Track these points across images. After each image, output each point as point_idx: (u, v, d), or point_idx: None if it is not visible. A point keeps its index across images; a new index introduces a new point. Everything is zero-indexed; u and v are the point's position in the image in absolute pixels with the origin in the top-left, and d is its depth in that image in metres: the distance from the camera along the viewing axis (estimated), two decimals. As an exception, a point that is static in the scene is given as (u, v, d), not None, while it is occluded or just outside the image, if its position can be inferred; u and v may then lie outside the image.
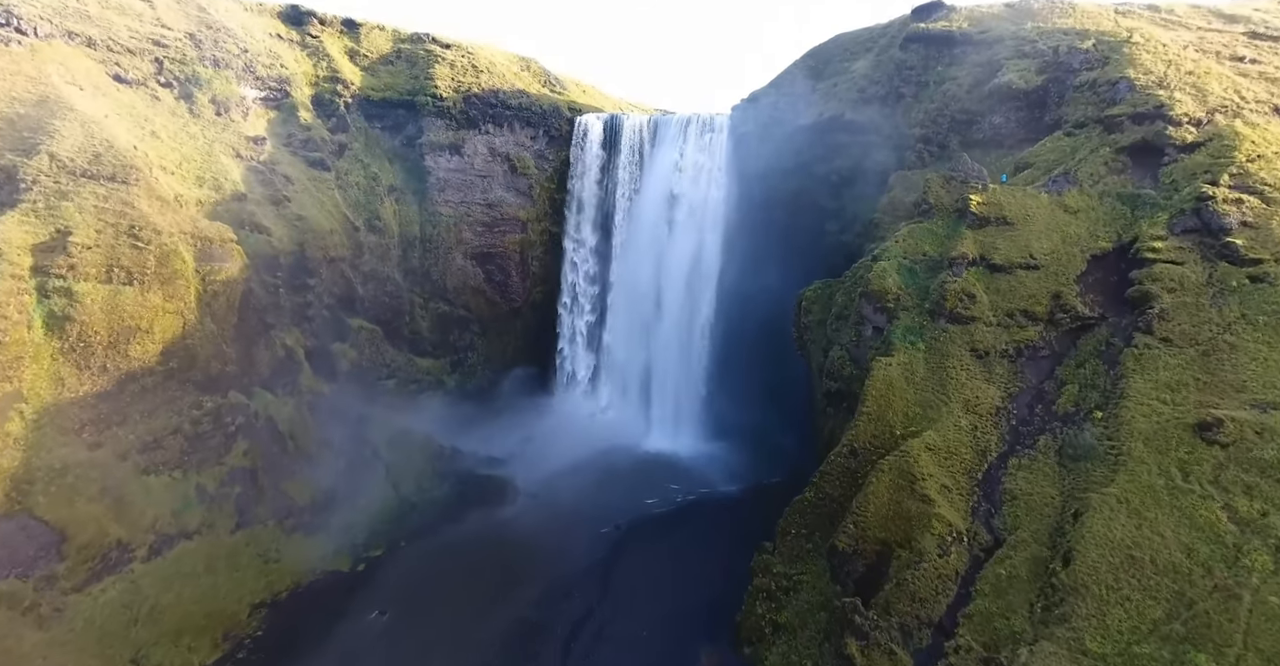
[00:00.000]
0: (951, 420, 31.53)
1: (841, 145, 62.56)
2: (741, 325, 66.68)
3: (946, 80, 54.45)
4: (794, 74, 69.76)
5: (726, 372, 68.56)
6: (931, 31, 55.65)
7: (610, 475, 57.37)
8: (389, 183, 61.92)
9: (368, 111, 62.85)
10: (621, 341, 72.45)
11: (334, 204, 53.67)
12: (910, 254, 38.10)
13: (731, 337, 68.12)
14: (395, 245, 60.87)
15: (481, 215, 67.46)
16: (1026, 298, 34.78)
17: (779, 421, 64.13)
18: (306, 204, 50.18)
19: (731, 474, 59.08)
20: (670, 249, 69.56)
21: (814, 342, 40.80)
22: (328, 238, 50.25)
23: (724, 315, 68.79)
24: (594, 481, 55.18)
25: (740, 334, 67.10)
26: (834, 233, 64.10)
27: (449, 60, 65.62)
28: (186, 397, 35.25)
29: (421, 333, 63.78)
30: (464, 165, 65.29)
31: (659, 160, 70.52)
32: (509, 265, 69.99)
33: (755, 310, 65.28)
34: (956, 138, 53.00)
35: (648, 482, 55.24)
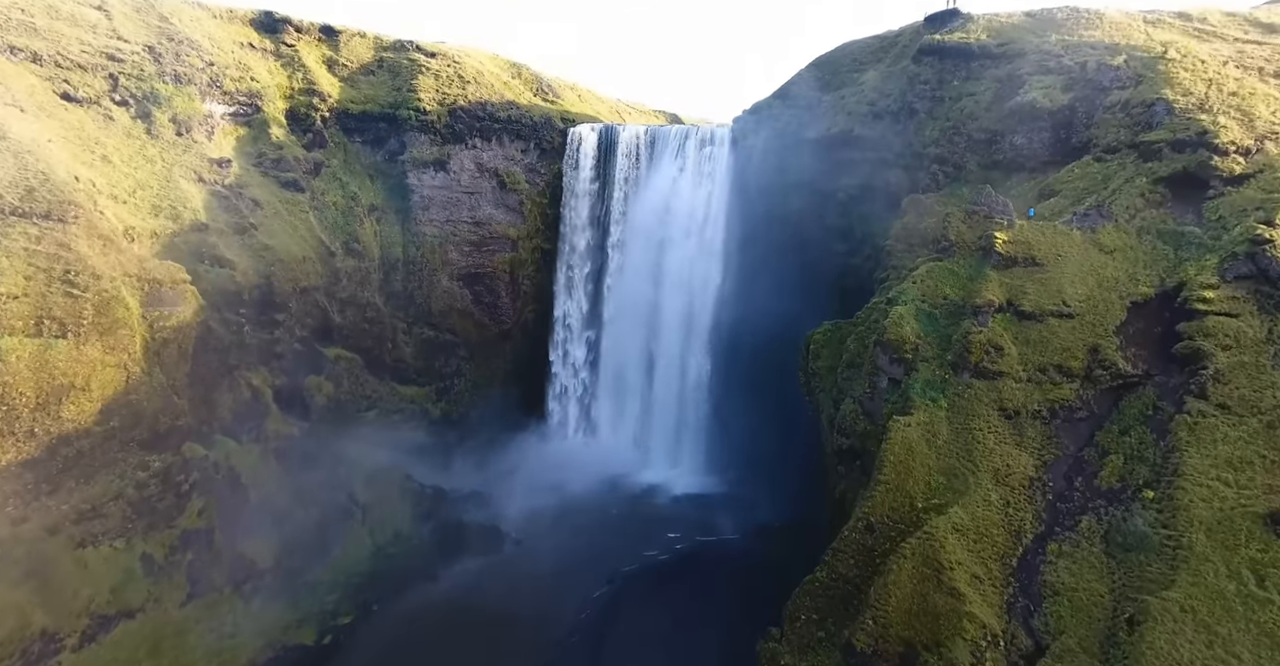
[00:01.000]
0: (980, 493, 28.14)
1: (850, 162, 59.06)
2: (744, 348, 63.32)
3: (963, 96, 50.89)
4: (799, 84, 66.19)
5: (728, 399, 65.20)
6: (947, 44, 52.07)
7: (604, 516, 54.05)
8: (369, 202, 58.38)
9: (347, 125, 59.26)
10: (617, 365, 69.03)
11: (308, 228, 50.15)
12: (929, 297, 34.65)
13: (733, 362, 64.75)
14: (376, 268, 57.37)
15: (469, 234, 63.94)
16: (1060, 350, 31.35)
17: (783, 451, 60.71)
18: (276, 230, 46.64)
19: (734, 515, 55.66)
20: (669, 268, 66.15)
21: (823, 391, 37.43)
22: (299, 266, 46.74)
23: (725, 338, 65.41)
24: (587, 524, 51.84)
25: (743, 358, 63.75)
26: (841, 254, 60.68)
27: (434, 70, 61.98)
28: (130, 458, 31.89)
29: (405, 359, 60.34)
30: (449, 182, 61.74)
31: (657, 174, 67.02)
32: (498, 286, 66.51)
33: (758, 333, 61.89)
34: (975, 158, 49.49)
35: (644, 526, 51.88)
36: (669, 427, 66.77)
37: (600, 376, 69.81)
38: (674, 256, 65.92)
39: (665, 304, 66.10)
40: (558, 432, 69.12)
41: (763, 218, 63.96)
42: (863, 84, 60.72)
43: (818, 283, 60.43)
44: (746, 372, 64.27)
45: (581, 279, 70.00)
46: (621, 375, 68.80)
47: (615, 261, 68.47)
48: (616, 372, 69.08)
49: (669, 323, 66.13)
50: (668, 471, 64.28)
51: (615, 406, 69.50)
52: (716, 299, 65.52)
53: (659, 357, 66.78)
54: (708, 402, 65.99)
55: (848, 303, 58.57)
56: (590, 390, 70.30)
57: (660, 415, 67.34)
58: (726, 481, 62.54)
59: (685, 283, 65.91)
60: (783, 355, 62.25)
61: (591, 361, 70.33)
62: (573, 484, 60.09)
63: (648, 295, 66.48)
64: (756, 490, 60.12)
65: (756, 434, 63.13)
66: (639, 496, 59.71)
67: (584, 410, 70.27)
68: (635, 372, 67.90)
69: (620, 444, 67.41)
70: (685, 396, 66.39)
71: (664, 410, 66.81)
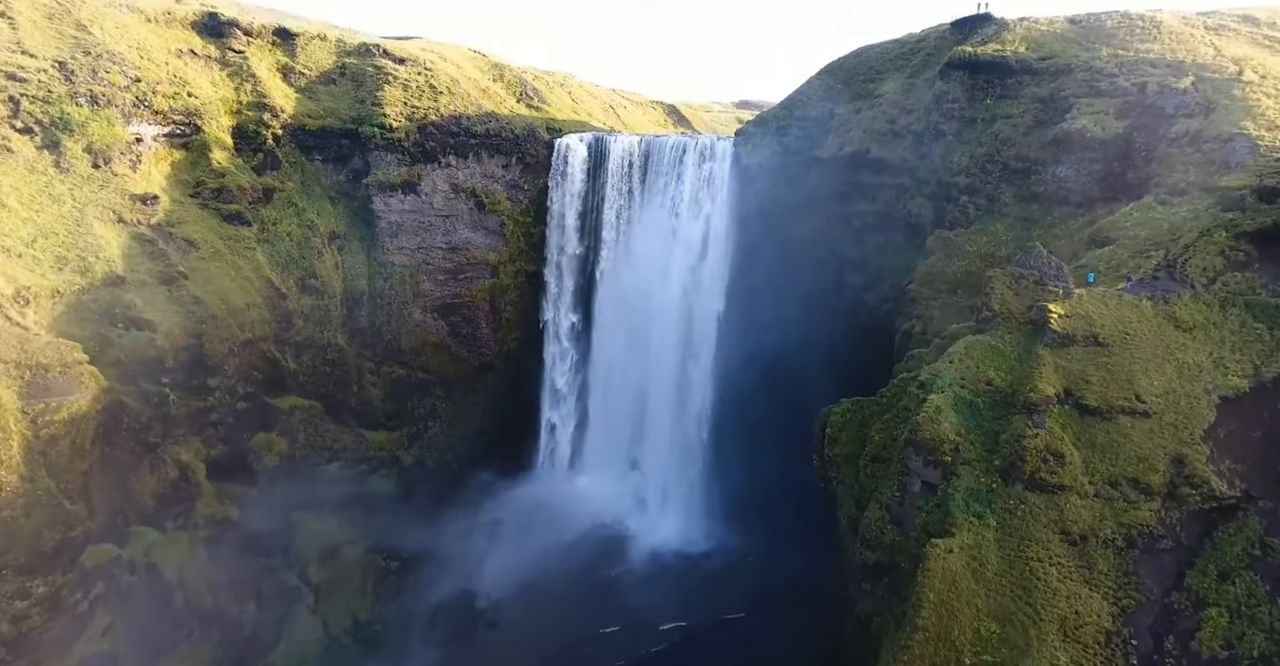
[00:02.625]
0: (1046, 654, 22.76)
1: (866, 186, 53.04)
2: (747, 385, 57.68)
3: (998, 118, 44.78)
4: (809, 94, 59.86)
5: (729, 439, 59.71)
6: (980, 57, 45.81)
7: (592, 584, 48.88)
8: (329, 229, 52.32)
9: (304, 143, 52.97)
10: (608, 400, 63.42)
11: (254, 268, 44.20)
12: (970, 381, 28.96)
13: (736, 400, 59.15)
14: (337, 305, 51.50)
15: (443, 261, 57.96)
16: (1135, 460, 25.79)
17: (790, 500, 55.54)
18: (214, 275, 40.74)
19: (739, 580, 50.30)
20: (665, 294, 60.29)
21: (843, 484, 31.91)
22: (241, 315, 40.92)
23: (727, 373, 59.73)
24: (572, 596, 46.70)
25: (746, 395, 58.13)
26: (856, 287, 54.89)
27: (402, 79, 55.54)
28: (4, 588, 26.49)
29: (372, 402, 54.69)
30: (420, 205, 55.62)
31: (652, 191, 60.91)
32: (477, 316, 60.67)
33: (764, 368, 56.33)
34: (1010, 189, 43.54)
35: (638, 598, 46.56)
36: (665, 469, 61.36)
37: (590, 412, 64.25)
38: (671, 282, 60.05)
39: (662, 334, 60.33)
40: (544, 474, 63.76)
41: (768, 241, 58.03)
42: (881, 97, 54.46)
43: (829, 317, 54.70)
44: (750, 411, 58.71)
45: (569, 305, 64.20)
46: (613, 411, 63.24)
47: (606, 287, 62.59)
48: (607, 408, 63.52)
49: (665, 355, 60.38)
50: (664, 519, 59.01)
51: (606, 445, 64.00)
52: (718, 330, 59.80)
53: (653, 393, 61.14)
54: (707, 443, 60.55)
55: (865, 345, 53.01)
56: (579, 427, 64.79)
57: (655, 455, 61.91)
58: (729, 530, 57.29)
59: (683, 311, 60.14)
60: (790, 394, 56.80)
61: (580, 395, 64.77)
62: (559, 538, 54.89)
63: (642, 324, 60.69)
64: (761, 540, 54.94)
65: (760, 477, 57.79)
66: (632, 554, 54.52)
67: (573, 449, 64.81)
68: (628, 409, 62.31)
69: (612, 487, 62.00)
70: (682, 436, 60.90)
71: (659, 450, 61.38)
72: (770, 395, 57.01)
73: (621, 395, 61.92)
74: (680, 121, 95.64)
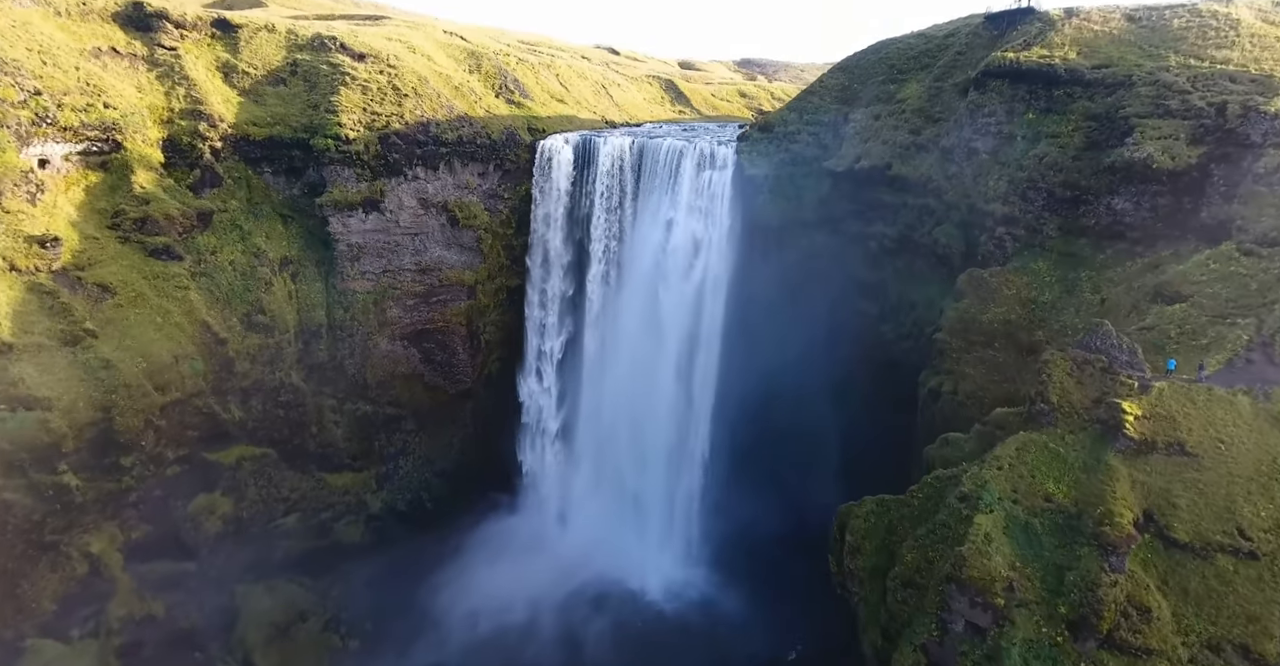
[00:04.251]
0: None
1: (885, 206, 47.11)
2: (751, 420, 52.66)
3: (1043, 137, 38.68)
4: (820, 96, 53.39)
5: (729, 478, 54.85)
6: (1024, 65, 39.42)
7: (577, 649, 44.50)
8: (280, 254, 46.40)
9: (249, 154, 46.65)
10: (598, 430, 58.27)
11: (186, 311, 38.44)
12: (1025, 496, 23.74)
13: (738, 436, 54.12)
14: (291, 340, 45.89)
15: (413, 284, 52.14)
16: (1242, 619, 20.75)
17: (794, 546, 51.05)
18: (134, 326, 35.07)
19: (741, 641, 45.85)
20: (661, 317, 54.68)
21: (866, 604, 26.91)
22: (167, 373, 35.39)
23: (727, 399, 54.51)
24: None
25: (749, 431, 53.17)
26: (872, 317, 49.31)
27: (361, 79, 48.87)
28: None
29: (335, 443, 49.50)
30: (385, 224, 49.56)
31: (645, 201, 54.83)
32: (453, 341, 55.12)
33: (767, 396, 51.28)
34: (1055, 221, 37.71)
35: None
36: (661, 508, 56.56)
37: (578, 444, 59.21)
38: (669, 301, 54.37)
39: (656, 361, 54.87)
40: (529, 509, 58.93)
41: (773, 260, 52.25)
42: (903, 103, 48.11)
43: (840, 345, 49.24)
44: (754, 450, 53.82)
45: (554, 327, 58.64)
46: (603, 443, 58.12)
47: (596, 306, 56.94)
48: (597, 440, 58.39)
49: (660, 383, 55.01)
50: (658, 564, 54.47)
51: (596, 480, 59.02)
52: (720, 357, 54.37)
53: (648, 424, 55.97)
54: (705, 482, 55.69)
55: (879, 378, 47.72)
56: (567, 459, 59.82)
57: (651, 492, 56.97)
58: (727, 579, 52.82)
59: (681, 334, 54.57)
60: (798, 426, 51.76)
61: (568, 425, 59.66)
62: (543, 590, 50.47)
63: (635, 350, 55.21)
64: (764, 592, 50.52)
65: (763, 522, 53.27)
66: (622, 608, 50.05)
67: (561, 483, 59.92)
68: (619, 441, 57.20)
69: (603, 528, 57.22)
70: (678, 473, 55.96)
71: (654, 486, 56.40)
72: (775, 427, 52.07)
73: (613, 427, 56.77)
74: (679, 99, 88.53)
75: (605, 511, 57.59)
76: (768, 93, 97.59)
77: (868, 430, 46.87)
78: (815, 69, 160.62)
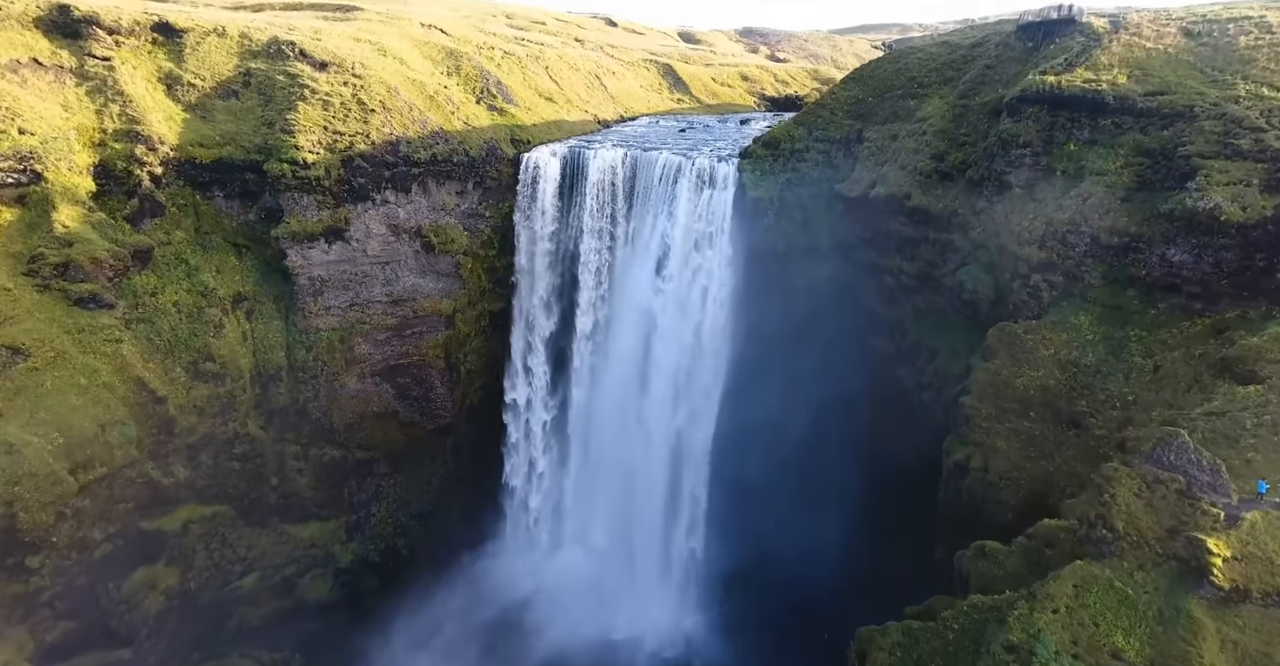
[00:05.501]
0: None
1: (904, 239, 42.75)
2: (754, 453, 48.98)
3: (1087, 173, 34.22)
4: (831, 110, 48.65)
5: (729, 533, 51.39)
6: (1065, 92, 34.74)
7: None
8: (233, 291, 41.84)
9: (196, 178, 41.81)
10: (591, 464, 54.48)
11: (117, 368, 34.00)
12: (1089, 650, 19.86)
13: (741, 470, 50.48)
14: (247, 386, 41.57)
15: (384, 317, 47.66)
16: None
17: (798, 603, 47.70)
18: (49, 395, 30.66)
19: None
20: (656, 344, 50.54)
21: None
22: (88, 448, 31.08)
23: (730, 436, 50.76)
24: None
25: (751, 465, 49.53)
26: (886, 355, 45.22)
27: (322, 93, 43.80)
28: None
29: (299, 492, 45.47)
30: (351, 254, 44.93)
31: (640, 222, 50.37)
32: (429, 375, 50.80)
33: (770, 436, 47.62)
34: (1099, 269, 33.42)
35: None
36: (654, 550, 52.88)
37: (568, 479, 55.40)
38: (662, 334, 50.18)
39: (651, 396, 50.84)
40: (513, 552, 55.25)
41: (779, 289, 48.07)
42: (924, 122, 43.45)
43: (850, 383, 45.36)
44: (757, 492, 50.25)
45: (540, 355, 54.40)
46: (595, 480, 54.38)
47: (587, 330, 52.66)
48: (589, 476, 54.67)
49: (656, 422, 51.02)
50: (652, 611, 51.03)
51: (587, 517, 55.40)
52: (720, 392, 50.32)
53: (641, 466, 52.12)
54: (704, 525, 52.03)
55: (895, 431, 43.42)
56: (556, 494, 56.05)
57: (644, 532, 53.16)
58: (727, 628, 49.48)
59: (678, 367, 50.42)
60: (805, 475, 48.06)
61: (557, 458, 55.76)
62: (529, 641, 47.29)
63: (629, 384, 51.12)
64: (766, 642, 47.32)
65: (765, 569, 49.88)
66: (614, 660, 46.77)
67: (550, 520, 56.20)
68: (611, 479, 53.41)
69: (592, 568, 53.73)
70: (675, 515, 52.26)
71: (650, 532, 52.53)
72: (780, 470, 48.41)
73: (605, 464, 52.89)
74: (677, 86, 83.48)
75: (596, 552, 54.03)
76: (770, 75, 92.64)
77: (880, 478, 43.13)
78: (819, 38, 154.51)
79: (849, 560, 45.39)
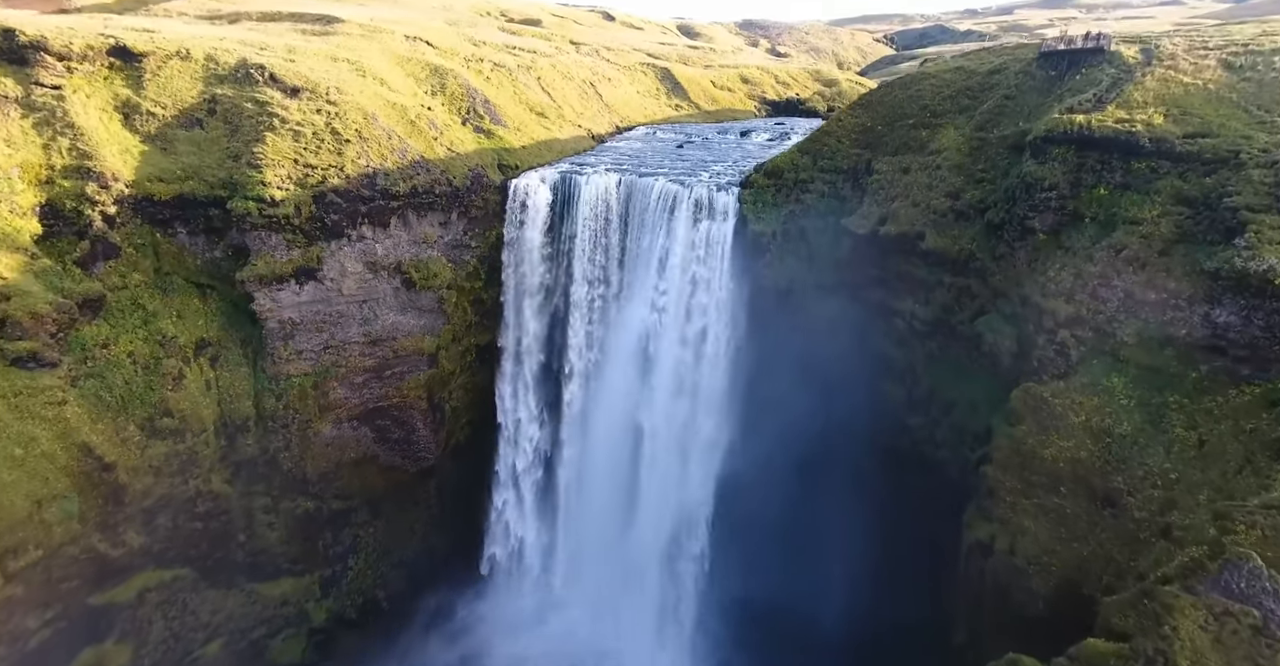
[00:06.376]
0: None
1: (917, 281, 39.93)
2: (760, 498, 46.25)
3: (1120, 222, 31.44)
4: (837, 137, 45.75)
5: (737, 567, 48.68)
6: (1095, 132, 31.94)
7: None
8: (196, 337, 38.79)
9: (155, 215, 38.72)
10: (588, 508, 51.72)
11: (59, 433, 30.98)
12: None
13: (736, 549, 47.79)
14: (210, 439, 38.58)
15: (361, 359, 44.70)
16: None
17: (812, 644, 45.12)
18: (-22, 471, 27.73)
19: None
20: (652, 384, 47.79)
21: None
22: (19, 531, 28.03)
23: (733, 480, 47.99)
24: None
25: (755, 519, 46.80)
26: (897, 402, 42.29)
27: (293, 122, 40.73)
28: None
29: (269, 548, 42.55)
30: (325, 294, 41.93)
31: (635, 255, 47.59)
32: (411, 416, 47.92)
33: (776, 480, 44.87)
34: (1134, 325, 30.51)
35: None
36: (655, 595, 50.09)
37: (562, 523, 52.63)
38: (660, 370, 47.43)
39: (645, 443, 48.09)
40: (503, 598, 52.48)
41: (782, 326, 45.22)
42: (938, 155, 40.59)
43: (856, 430, 42.59)
44: (757, 561, 47.47)
45: (529, 392, 51.58)
46: (592, 522, 51.61)
47: (578, 368, 49.91)
48: (585, 519, 51.93)
49: (655, 466, 48.26)
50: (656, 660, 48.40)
51: (583, 559, 52.65)
52: (723, 435, 47.57)
53: (642, 510, 49.35)
54: (703, 597, 49.15)
55: (906, 486, 40.73)
56: (549, 537, 53.28)
57: (645, 574, 50.36)
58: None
59: (674, 412, 47.66)
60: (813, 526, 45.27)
61: (551, 501, 52.98)
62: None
63: (622, 430, 48.35)
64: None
65: (770, 622, 47.26)
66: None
67: (542, 561, 53.44)
68: (610, 523, 50.63)
69: (591, 611, 50.97)
70: (671, 583, 49.42)
71: (646, 593, 49.70)
72: (784, 527, 45.72)
73: (602, 509, 50.11)
74: (675, 91, 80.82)
75: (595, 594, 51.26)
76: (771, 77, 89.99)
77: (895, 544, 40.36)
78: (819, 30, 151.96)
79: (858, 621, 42.76)
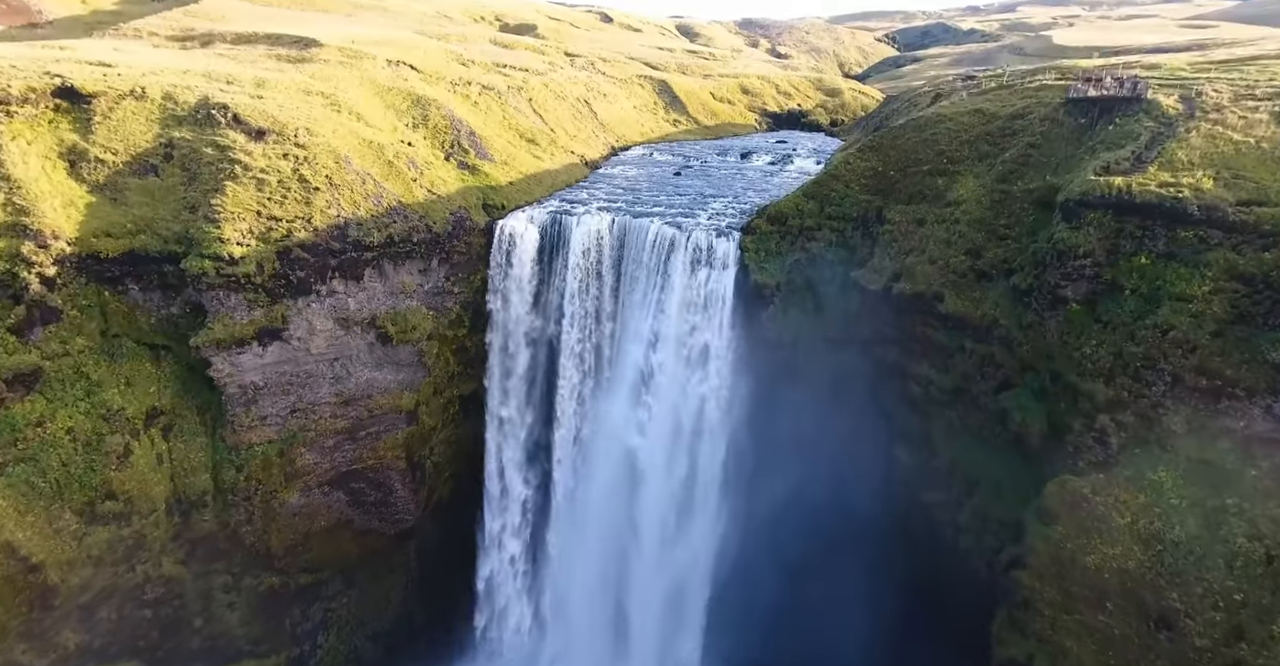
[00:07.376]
0: None
1: (934, 345, 36.76)
2: (759, 568, 43.03)
3: (1165, 298, 28.33)
4: (846, 182, 42.66)
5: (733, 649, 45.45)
6: (1136, 197, 28.89)
7: None
8: (146, 407, 35.37)
9: (101, 273, 35.30)
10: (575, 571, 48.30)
11: (-22, 533, 27.55)
12: None
13: (741, 597, 44.49)
14: (161, 519, 35.16)
15: (332, 421, 41.29)
16: None
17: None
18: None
19: None
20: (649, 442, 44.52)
21: None
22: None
23: (728, 558, 44.86)
24: None
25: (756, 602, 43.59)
26: (911, 473, 39.05)
27: (257, 169, 37.35)
28: None
29: (229, 631, 39.06)
30: (291, 354, 38.53)
31: (629, 303, 44.42)
32: (389, 478, 44.48)
33: (777, 552, 41.68)
34: (1183, 413, 27.48)
35: None
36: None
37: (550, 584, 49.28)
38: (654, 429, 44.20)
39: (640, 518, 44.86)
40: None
41: (785, 384, 42.07)
42: (956, 207, 37.50)
43: (866, 497, 39.44)
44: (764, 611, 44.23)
45: (517, 451, 48.27)
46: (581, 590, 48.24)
47: (568, 424, 46.66)
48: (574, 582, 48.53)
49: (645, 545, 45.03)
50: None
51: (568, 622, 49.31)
52: (722, 503, 44.42)
53: (635, 592, 46.07)
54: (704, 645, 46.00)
55: (920, 572, 38.00)
56: (535, 608, 49.92)
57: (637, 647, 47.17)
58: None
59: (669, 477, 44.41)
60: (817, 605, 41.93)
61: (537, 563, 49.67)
62: None
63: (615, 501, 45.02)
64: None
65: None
66: None
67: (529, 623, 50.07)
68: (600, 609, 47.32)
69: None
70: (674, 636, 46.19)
71: (644, 645, 46.56)
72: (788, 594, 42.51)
73: (593, 594, 46.79)
74: (673, 105, 78.16)
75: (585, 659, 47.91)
76: (772, 87, 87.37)
77: (906, 629, 37.13)
78: (820, 29, 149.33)
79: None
